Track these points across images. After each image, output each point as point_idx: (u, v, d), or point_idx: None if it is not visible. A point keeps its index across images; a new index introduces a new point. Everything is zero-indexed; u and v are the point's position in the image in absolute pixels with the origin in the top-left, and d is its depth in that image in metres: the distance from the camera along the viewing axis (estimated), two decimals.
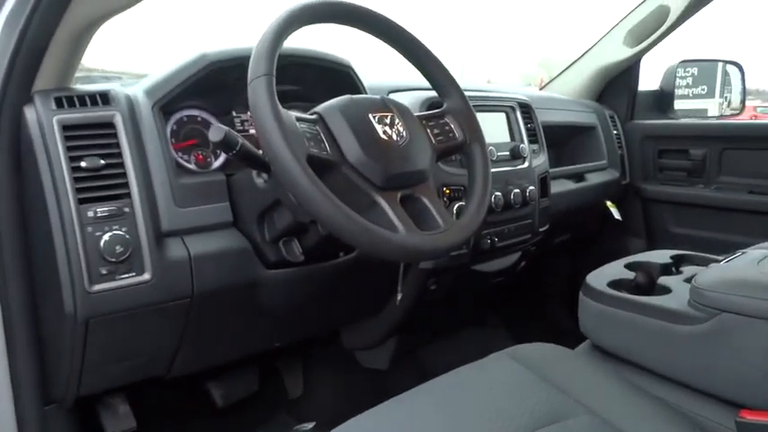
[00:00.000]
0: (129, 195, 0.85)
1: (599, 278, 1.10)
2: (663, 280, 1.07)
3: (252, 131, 1.07)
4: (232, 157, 0.83)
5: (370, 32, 0.94)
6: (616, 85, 1.93)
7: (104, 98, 0.87)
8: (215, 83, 0.97)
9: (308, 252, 0.97)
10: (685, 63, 1.98)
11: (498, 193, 1.26)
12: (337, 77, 1.13)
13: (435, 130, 0.95)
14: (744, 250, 1.08)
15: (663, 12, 1.70)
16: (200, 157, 1.02)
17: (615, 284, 1.08)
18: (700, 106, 2.16)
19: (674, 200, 1.85)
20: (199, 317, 0.94)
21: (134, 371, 0.99)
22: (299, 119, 0.79)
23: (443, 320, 1.62)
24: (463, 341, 1.68)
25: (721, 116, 2.11)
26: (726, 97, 2.19)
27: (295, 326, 1.20)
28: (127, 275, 0.83)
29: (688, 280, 1.06)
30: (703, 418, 0.88)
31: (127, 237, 0.83)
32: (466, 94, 0.99)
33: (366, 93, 1.16)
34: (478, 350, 1.69)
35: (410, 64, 1.00)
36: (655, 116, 1.97)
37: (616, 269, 1.16)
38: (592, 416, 0.81)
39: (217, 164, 1.03)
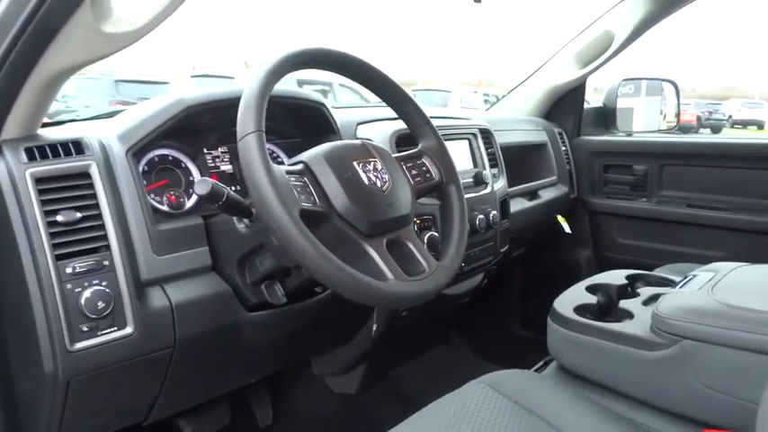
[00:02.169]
0: (108, 248, 0.82)
1: (564, 303, 1.16)
2: (623, 303, 1.14)
3: (223, 168, 1.06)
4: (217, 209, 0.83)
5: (348, 76, 0.95)
6: (564, 103, 2.01)
7: (77, 147, 0.85)
8: (187, 124, 0.96)
9: (290, 294, 0.97)
10: (627, 81, 2.09)
11: None
12: (310, 114, 1.13)
13: (413, 171, 0.98)
14: (694, 273, 1.16)
15: (608, 37, 1.79)
16: (173, 197, 1.00)
17: (580, 309, 1.14)
18: (627, 105, 2.28)
19: (618, 212, 1.95)
20: (180, 364, 0.92)
21: (111, 423, 0.96)
22: (287, 172, 0.80)
23: (410, 343, 1.65)
24: (430, 361, 1.72)
25: (659, 130, 2.25)
26: (661, 111, 2.33)
27: (271, 361, 1.19)
28: (109, 331, 0.81)
29: (646, 302, 1.13)
30: None
31: (108, 291, 0.81)
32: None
33: (338, 128, 1.16)
34: (445, 368, 1.75)
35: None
36: (599, 132, 2.07)
37: (578, 292, 1.22)
38: None
39: (190, 204, 1.01)
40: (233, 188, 0.84)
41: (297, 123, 1.15)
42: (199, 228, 0.94)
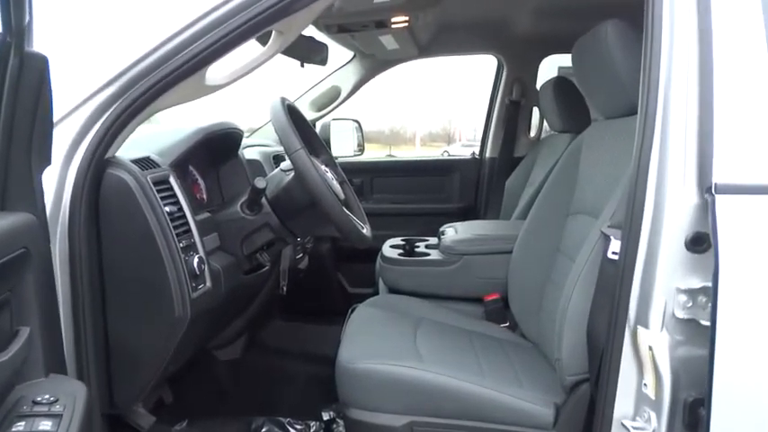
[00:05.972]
0: (190, 231, 1.16)
1: (387, 251, 1.89)
2: (417, 250, 1.94)
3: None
4: (255, 196, 1.26)
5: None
6: None
7: (153, 162, 1.15)
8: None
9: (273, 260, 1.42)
10: (335, 120, 2.93)
11: None
12: (228, 139, 1.54)
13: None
14: (441, 229, 2.04)
15: (336, 90, 2.60)
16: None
17: (399, 254, 1.89)
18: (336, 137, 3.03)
19: None
20: (219, 313, 1.28)
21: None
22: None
23: (270, 309, 2.09)
24: (286, 321, 2.19)
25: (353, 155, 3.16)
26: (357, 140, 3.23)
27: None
28: (201, 286, 1.15)
29: (428, 246, 1.96)
30: (466, 311, 1.77)
31: (201, 258, 1.15)
32: None
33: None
34: (300, 324, 2.22)
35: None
36: None
37: (387, 248, 1.97)
38: (429, 321, 1.58)
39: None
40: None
41: (208, 149, 1.55)
42: (210, 219, 1.31)
